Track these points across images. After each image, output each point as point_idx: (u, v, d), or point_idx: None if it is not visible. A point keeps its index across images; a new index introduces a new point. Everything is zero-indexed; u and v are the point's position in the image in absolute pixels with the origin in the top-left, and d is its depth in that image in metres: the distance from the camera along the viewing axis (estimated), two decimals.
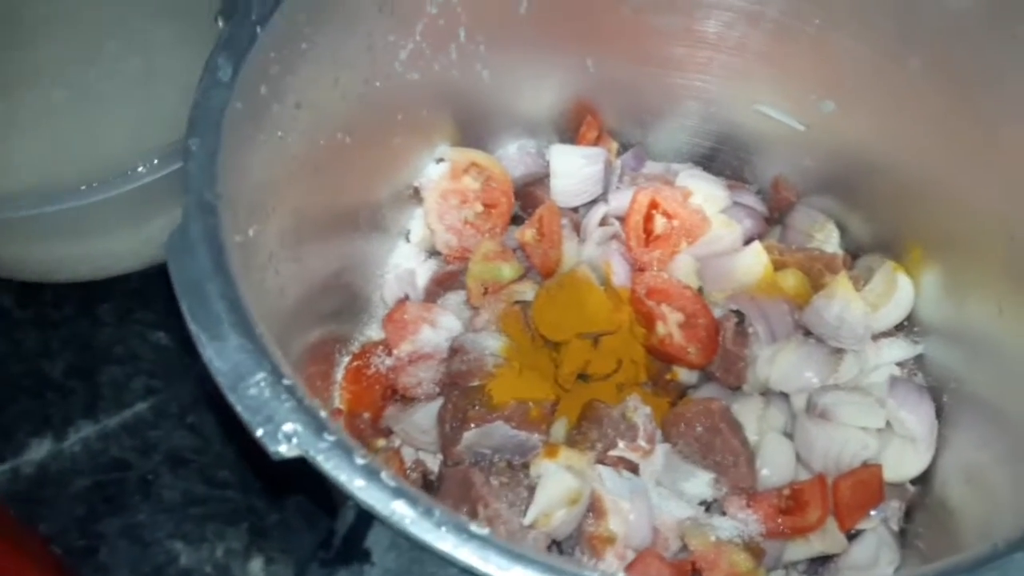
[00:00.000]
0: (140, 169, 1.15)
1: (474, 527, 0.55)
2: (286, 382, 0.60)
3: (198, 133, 0.72)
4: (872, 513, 1.03)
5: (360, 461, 0.57)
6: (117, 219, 1.22)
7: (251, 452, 1.00)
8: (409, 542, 0.55)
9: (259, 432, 0.58)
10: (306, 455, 0.57)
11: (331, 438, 0.58)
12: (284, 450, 0.57)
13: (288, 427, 0.58)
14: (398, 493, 0.56)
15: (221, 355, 0.61)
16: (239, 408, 0.58)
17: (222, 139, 0.72)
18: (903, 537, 1.04)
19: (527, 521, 0.96)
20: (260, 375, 0.60)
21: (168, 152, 1.12)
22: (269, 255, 0.84)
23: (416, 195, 1.19)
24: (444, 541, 0.55)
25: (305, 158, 0.92)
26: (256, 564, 1.17)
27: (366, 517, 0.56)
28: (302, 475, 0.62)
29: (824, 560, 1.03)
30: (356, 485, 0.56)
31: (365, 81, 0.98)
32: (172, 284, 0.64)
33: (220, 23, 0.79)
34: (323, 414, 0.59)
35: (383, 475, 0.56)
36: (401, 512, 0.55)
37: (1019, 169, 0.88)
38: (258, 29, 0.79)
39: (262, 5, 0.80)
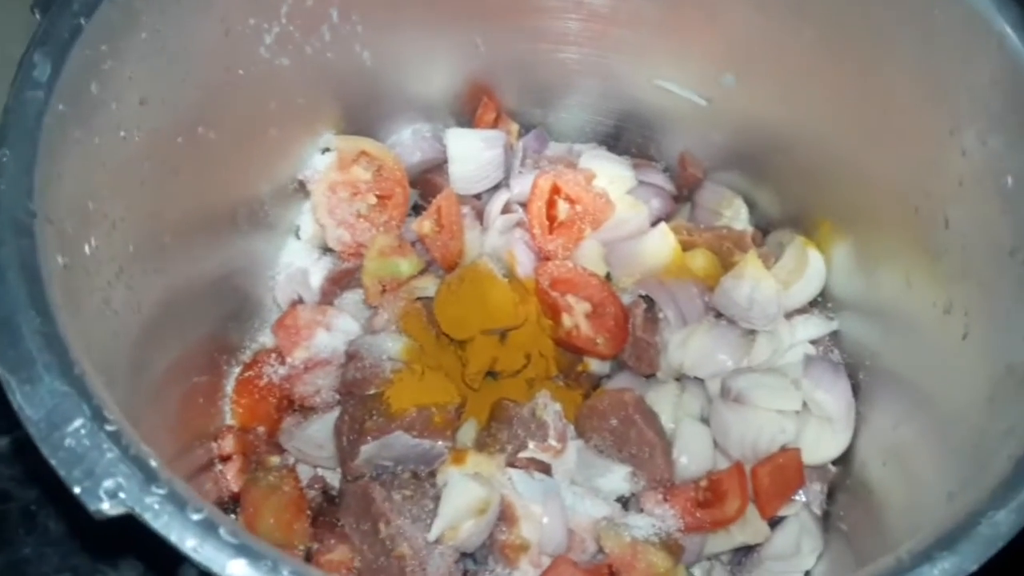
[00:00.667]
0: None
1: None
2: (109, 428, 0.53)
3: (9, 143, 0.63)
4: (794, 498, 1.00)
5: (195, 516, 0.50)
6: None
7: None
8: None
9: (77, 489, 0.50)
10: (132, 512, 0.50)
11: (161, 491, 0.50)
12: (107, 508, 0.50)
13: (110, 483, 0.50)
14: (239, 551, 0.49)
15: (32, 401, 0.53)
16: (53, 461, 0.51)
17: (40, 148, 0.64)
18: (826, 520, 1.02)
19: (432, 536, 0.90)
20: (78, 422, 0.52)
21: None
22: (118, 269, 0.76)
23: (302, 188, 1.11)
24: None
25: (159, 158, 0.83)
26: None
27: None
28: None
29: (747, 550, 1.00)
30: (189, 544, 0.49)
31: (225, 69, 0.89)
32: None
33: (36, 15, 0.69)
34: (153, 463, 0.52)
35: (222, 531, 0.49)
36: (241, 573, 0.48)
37: (916, 141, 0.85)
38: (82, 20, 0.70)
39: None
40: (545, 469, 0.99)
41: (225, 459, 1.00)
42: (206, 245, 0.96)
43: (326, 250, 1.14)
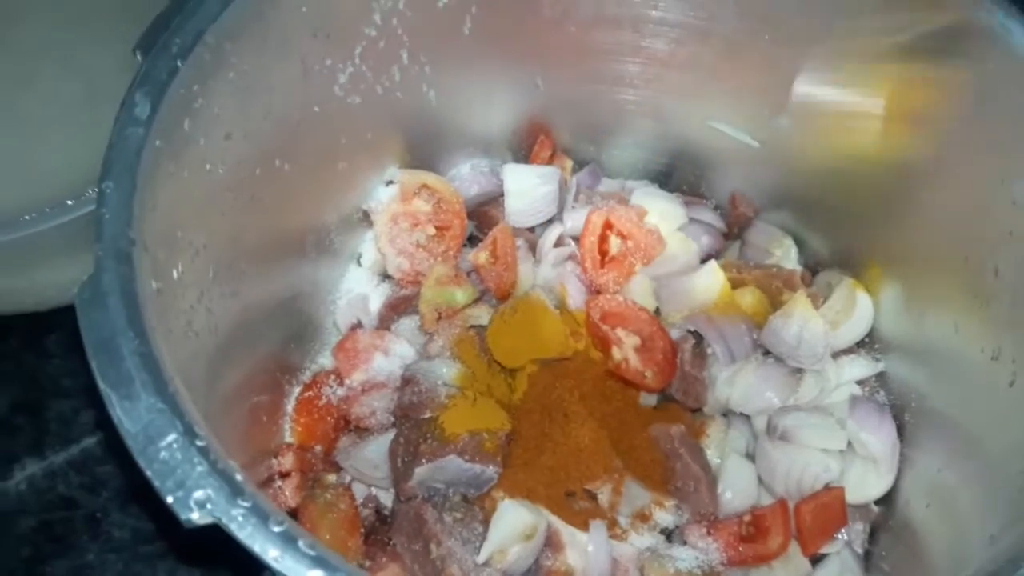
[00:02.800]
0: (82, 198, 1.11)
1: None
2: (199, 443, 0.57)
3: (112, 176, 0.68)
4: (836, 536, 1.01)
5: (276, 528, 0.54)
6: (59, 249, 1.18)
7: None
8: None
9: (169, 499, 0.55)
10: (219, 523, 0.54)
11: (245, 504, 0.55)
12: (196, 517, 0.54)
13: (199, 494, 0.55)
14: (317, 563, 0.53)
15: (131, 416, 0.57)
16: (149, 473, 0.55)
17: (138, 180, 0.69)
18: (868, 559, 1.02)
19: (481, 559, 0.93)
20: (171, 436, 0.57)
21: None
22: (200, 293, 0.81)
23: (366, 218, 1.16)
24: None
25: (240, 189, 0.88)
26: None
27: None
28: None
29: None
30: (271, 555, 0.53)
31: (302, 106, 0.95)
32: (83, 340, 0.61)
33: (138, 57, 0.75)
34: (239, 477, 0.56)
35: (301, 543, 0.53)
36: None
37: (967, 189, 0.86)
38: (179, 62, 0.75)
39: (183, 36, 0.76)
40: (591, 498, 1.01)
41: (284, 475, 1.04)
42: (276, 270, 1.01)
43: (385, 277, 1.19)
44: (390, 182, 1.16)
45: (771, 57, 1.00)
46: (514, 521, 0.94)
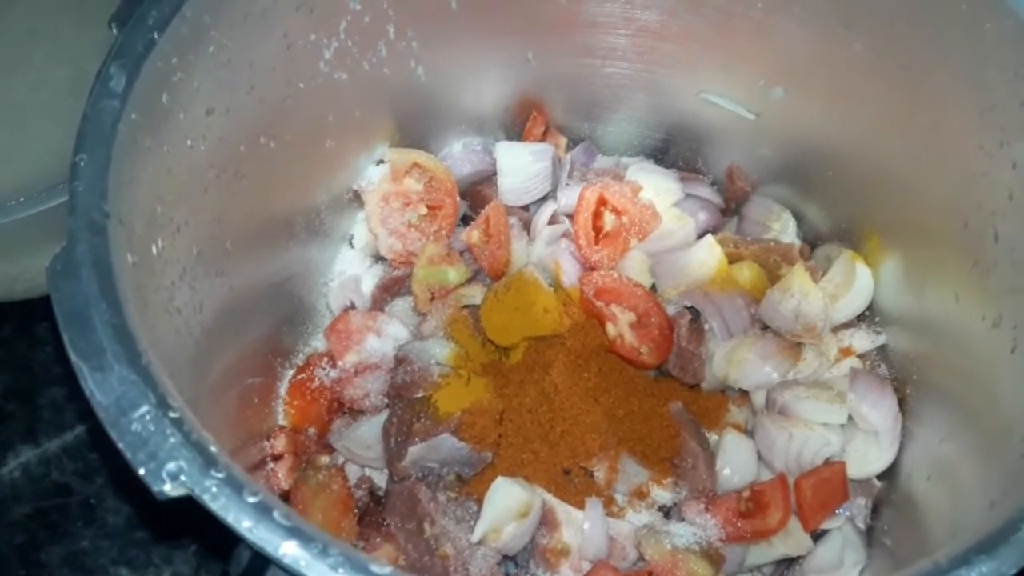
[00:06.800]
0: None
1: (375, 567, 0.51)
2: (172, 415, 0.56)
3: (86, 148, 0.67)
4: (838, 512, 0.99)
5: (251, 499, 0.52)
6: (49, 234, 1.16)
7: None
8: None
9: (141, 471, 0.53)
10: (192, 493, 0.53)
11: (219, 475, 0.53)
12: (168, 489, 0.53)
13: (172, 465, 0.53)
14: (291, 533, 0.51)
15: (102, 387, 0.56)
16: (121, 444, 0.54)
17: (113, 153, 0.68)
18: (870, 534, 1.01)
19: (475, 538, 0.92)
20: (144, 408, 0.56)
21: None
22: (182, 271, 0.80)
23: (357, 199, 1.15)
24: None
25: (223, 166, 0.87)
26: None
27: (260, 559, 0.52)
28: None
29: (789, 562, 1.00)
30: (244, 525, 0.52)
31: (287, 83, 0.93)
32: (54, 311, 0.60)
33: (114, 30, 0.73)
34: (213, 448, 0.55)
35: (276, 514, 0.52)
36: (293, 554, 0.51)
37: (966, 154, 0.84)
38: (156, 35, 0.74)
39: (160, 9, 0.75)
40: (587, 476, 1.00)
41: (277, 458, 1.03)
42: (265, 251, 1.00)
43: (378, 258, 1.18)
44: (380, 161, 1.14)
45: (765, 26, 0.98)
46: (508, 499, 0.93)
